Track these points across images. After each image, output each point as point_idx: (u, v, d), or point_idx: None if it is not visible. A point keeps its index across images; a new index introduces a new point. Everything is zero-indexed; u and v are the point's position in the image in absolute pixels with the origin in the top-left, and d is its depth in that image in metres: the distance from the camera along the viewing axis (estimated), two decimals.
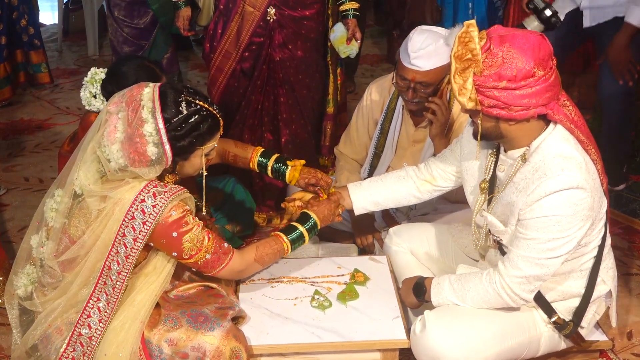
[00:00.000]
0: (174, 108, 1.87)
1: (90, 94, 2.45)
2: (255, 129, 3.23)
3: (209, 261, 1.98)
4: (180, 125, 1.88)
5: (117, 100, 1.90)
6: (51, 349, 1.94)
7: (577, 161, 1.87)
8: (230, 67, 3.10)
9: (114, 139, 1.84)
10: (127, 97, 1.88)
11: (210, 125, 1.94)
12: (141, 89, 1.89)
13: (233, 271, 2.05)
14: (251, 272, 2.19)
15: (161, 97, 1.87)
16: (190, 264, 1.98)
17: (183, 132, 1.89)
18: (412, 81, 2.54)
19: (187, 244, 1.91)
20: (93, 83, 2.45)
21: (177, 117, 1.87)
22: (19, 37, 4.59)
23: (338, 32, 3.12)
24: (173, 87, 1.92)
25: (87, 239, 1.90)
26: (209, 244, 1.96)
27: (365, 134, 2.92)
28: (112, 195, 1.88)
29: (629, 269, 2.94)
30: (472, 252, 2.33)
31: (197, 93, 1.94)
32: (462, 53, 1.80)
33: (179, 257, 1.95)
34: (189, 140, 1.90)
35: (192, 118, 1.89)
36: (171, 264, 2.00)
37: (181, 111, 1.88)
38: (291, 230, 2.19)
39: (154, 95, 1.87)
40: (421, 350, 2.02)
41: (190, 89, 1.94)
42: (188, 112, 1.89)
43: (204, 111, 1.92)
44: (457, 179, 2.30)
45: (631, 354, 2.47)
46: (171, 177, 2.03)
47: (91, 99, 2.46)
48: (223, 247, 2.01)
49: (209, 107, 1.93)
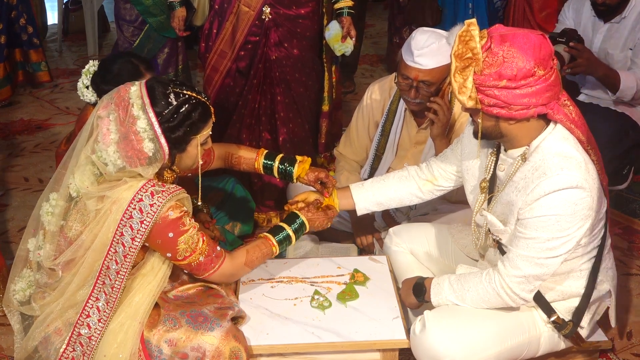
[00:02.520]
0: (163, 101, 1.88)
1: (84, 84, 2.48)
2: (253, 128, 3.23)
3: (202, 264, 1.98)
4: (172, 117, 1.88)
5: (105, 103, 1.90)
6: (51, 349, 1.94)
7: (576, 161, 1.86)
8: (225, 67, 3.11)
9: (109, 141, 1.84)
10: (116, 99, 1.88)
11: (201, 113, 1.94)
12: (127, 88, 1.90)
13: (224, 275, 2.06)
14: (240, 276, 2.19)
15: (149, 92, 1.88)
16: (184, 265, 1.98)
17: (176, 123, 1.89)
18: (415, 80, 2.54)
19: (182, 245, 1.92)
20: (87, 75, 2.48)
21: (168, 109, 1.88)
22: (18, 36, 4.59)
23: (333, 30, 3.13)
24: (159, 81, 1.92)
25: (85, 239, 1.90)
26: (203, 246, 1.96)
27: (366, 135, 2.91)
28: (109, 194, 1.88)
29: (629, 269, 2.94)
30: (472, 252, 2.33)
31: (183, 84, 1.95)
32: (462, 51, 1.80)
33: (172, 258, 1.96)
34: (183, 130, 1.91)
35: (183, 107, 1.90)
36: (168, 264, 2.00)
37: (171, 102, 1.88)
38: (279, 231, 2.19)
39: (141, 92, 1.87)
40: (421, 350, 2.02)
41: (176, 81, 1.95)
42: (178, 102, 1.89)
43: (193, 100, 1.92)
44: (458, 179, 2.30)
45: (631, 354, 2.47)
46: (169, 173, 2.03)
47: (84, 89, 2.50)
48: (216, 250, 2.01)
49: (197, 96, 1.94)
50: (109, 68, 2.44)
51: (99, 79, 2.44)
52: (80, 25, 6.29)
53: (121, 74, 2.39)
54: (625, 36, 3.22)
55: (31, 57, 4.74)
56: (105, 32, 6.61)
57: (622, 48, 3.23)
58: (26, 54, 4.68)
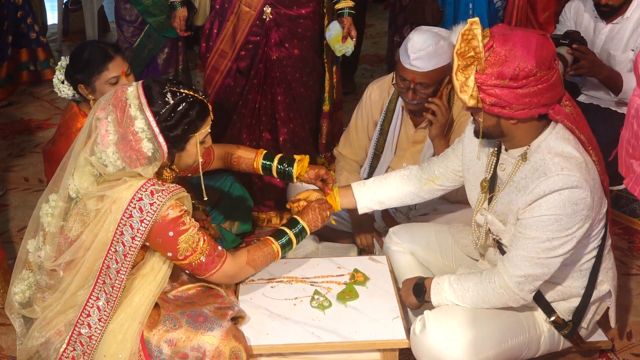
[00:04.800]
0: (160, 100, 1.88)
1: (59, 80, 2.50)
2: (253, 128, 3.23)
3: (203, 264, 1.98)
4: (169, 115, 1.88)
5: (103, 105, 1.90)
6: (51, 349, 1.94)
7: (577, 161, 1.86)
8: (226, 67, 3.11)
9: (107, 142, 1.85)
10: (113, 100, 1.89)
11: (199, 111, 1.94)
12: (124, 89, 1.90)
13: (226, 275, 2.05)
14: (244, 276, 2.19)
15: (146, 91, 1.88)
16: (185, 265, 1.98)
17: (174, 122, 1.89)
18: (412, 82, 2.54)
19: (183, 245, 1.92)
20: (60, 70, 2.50)
21: (165, 108, 1.88)
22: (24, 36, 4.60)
23: (333, 31, 3.13)
24: (156, 81, 1.93)
25: (85, 239, 1.90)
26: (204, 245, 1.96)
27: (365, 134, 2.91)
28: (109, 194, 1.88)
29: (629, 269, 2.94)
30: (472, 252, 2.33)
31: (180, 83, 1.95)
32: (464, 50, 1.80)
33: (173, 258, 1.95)
34: (181, 129, 1.91)
35: (180, 106, 1.90)
36: (168, 264, 2.00)
37: (168, 101, 1.89)
38: (281, 235, 2.20)
39: (138, 92, 1.88)
40: (421, 350, 2.02)
41: (173, 80, 1.95)
42: (175, 101, 1.89)
43: (190, 98, 1.92)
44: (459, 178, 2.30)
45: (631, 354, 2.47)
46: (169, 172, 2.03)
47: (60, 85, 2.51)
48: (217, 250, 2.01)
49: (195, 94, 1.94)
50: (79, 56, 2.46)
51: (71, 70, 2.47)
52: (80, 25, 6.29)
53: (92, 59, 2.42)
54: (627, 37, 3.21)
55: (39, 55, 4.76)
56: (105, 32, 6.60)
57: (624, 49, 3.23)
58: (34, 53, 4.70)
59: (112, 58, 2.43)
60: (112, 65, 2.42)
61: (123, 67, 2.44)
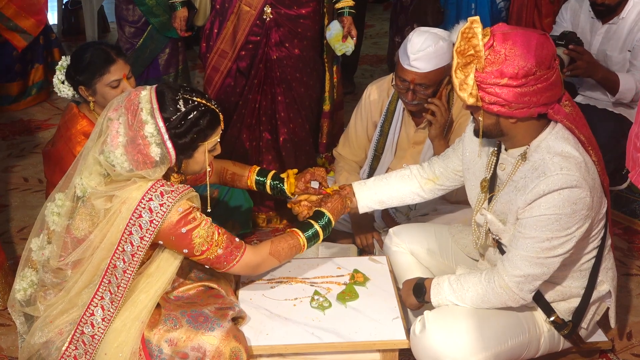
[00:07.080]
0: (172, 107, 1.89)
1: (59, 80, 2.50)
2: (253, 128, 3.23)
3: (221, 256, 1.97)
4: (179, 123, 1.89)
5: (116, 106, 1.91)
6: (52, 348, 1.94)
7: (576, 161, 1.87)
8: (226, 67, 3.11)
9: (117, 144, 1.85)
10: (126, 102, 1.89)
11: (209, 120, 1.94)
12: (138, 92, 1.91)
13: (248, 266, 2.05)
14: (268, 267, 2.16)
15: (158, 97, 1.88)
16: (202, 260, 1.97)
17: (183, 130, 1.89)
18: (412, 83, 2.54)
19: (198, 240, 1.92)
20: (61, 70, 2.50)
21: (176, 115, 1.89)
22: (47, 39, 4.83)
23: (334, 30, 3.14)
24: (169, 87, 1.93)
25: (93, 239, 1.90)
26: (219, 238, 1.96)
27: (364, 135, 2.91)
28: (119, 194, 1.88)
29: (628, 270, 2.94)
30: (472, 252, 2.33)
31: (193, 90, 1.95)
32: (464, 48, 1.80)
33: (190, 254, 1.95)
34: (190, 137, 1.91)
35: (191, 114, 1.90)
36: (175, 265, 2.00)
37: (179, 109, 1.89)
38: (307, 227, 2.19)
39: (151, 96, 1.88)
40: (421, 350, 2.02)
41: (186, 87, 1.95)
42: (186, 109, 1.90)
43: (202, 107, 1.92)
44: (460, 178, 2.30)
45: (631, 355, 2.47)
46: (177, 176, 2.03)
47: (60, 85, 2.51)
48: (235, 241, 2.01)
49: (207, 103, 1.94)
50: (80, 57, 2.45)
51: (72, 71, 2.45)
52: (80, 25, 6.29)
53: (93, 61, 2.41)
54: (624, 37, 3.21)
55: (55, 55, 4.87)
56: (105, 32, 6.60)
57: (621, 50, 3.23)
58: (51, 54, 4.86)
59: (114, 61, 2.42)
60: (113, 68, 2.41)
61: (124, 70, 2.44)
